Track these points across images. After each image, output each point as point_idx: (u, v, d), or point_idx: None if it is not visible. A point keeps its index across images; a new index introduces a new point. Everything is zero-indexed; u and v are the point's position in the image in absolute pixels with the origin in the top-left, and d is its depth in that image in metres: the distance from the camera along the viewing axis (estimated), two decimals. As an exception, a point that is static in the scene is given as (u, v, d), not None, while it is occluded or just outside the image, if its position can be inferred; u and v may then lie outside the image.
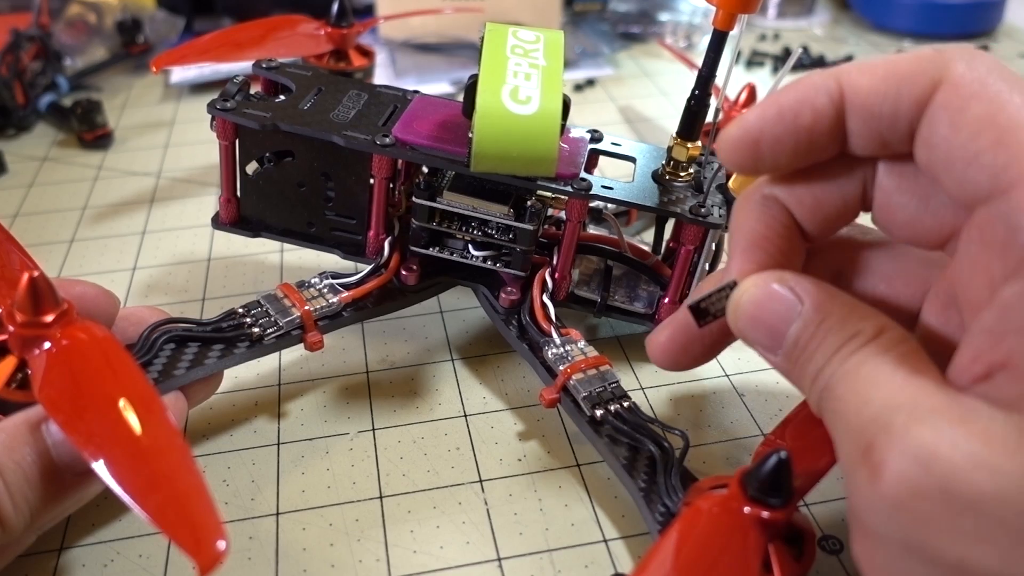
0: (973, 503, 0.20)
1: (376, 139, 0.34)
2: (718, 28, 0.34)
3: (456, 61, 0.71)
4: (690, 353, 0.30)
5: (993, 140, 0.22)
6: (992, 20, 0.78)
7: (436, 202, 0.35)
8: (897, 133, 0.24)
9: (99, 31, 0.69)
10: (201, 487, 0.23)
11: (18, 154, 0.58)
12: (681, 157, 0.37)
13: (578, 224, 0.36)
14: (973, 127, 0.22)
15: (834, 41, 0.78)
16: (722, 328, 0.27)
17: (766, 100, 0.26)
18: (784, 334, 0.25)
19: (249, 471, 0.34)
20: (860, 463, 0.22)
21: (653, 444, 0.31)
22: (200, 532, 0.22)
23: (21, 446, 0.26)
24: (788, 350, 0.25)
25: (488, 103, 0.31)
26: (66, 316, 0.28)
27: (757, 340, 0.26)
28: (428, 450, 0.35)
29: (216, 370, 0.33)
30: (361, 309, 0.37)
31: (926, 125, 0.23)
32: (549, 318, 0.36)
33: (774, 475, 0.26)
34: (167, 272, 0.46)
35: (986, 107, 0.22)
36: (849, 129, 0.24)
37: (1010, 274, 0.21)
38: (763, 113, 0.25)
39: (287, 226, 0.39)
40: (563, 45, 0.34)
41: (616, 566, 0.30)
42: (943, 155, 0.23)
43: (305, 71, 0.39)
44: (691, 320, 0.27)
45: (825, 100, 0.24)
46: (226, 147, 0.37)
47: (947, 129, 0.23)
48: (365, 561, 0.31)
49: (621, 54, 0.74)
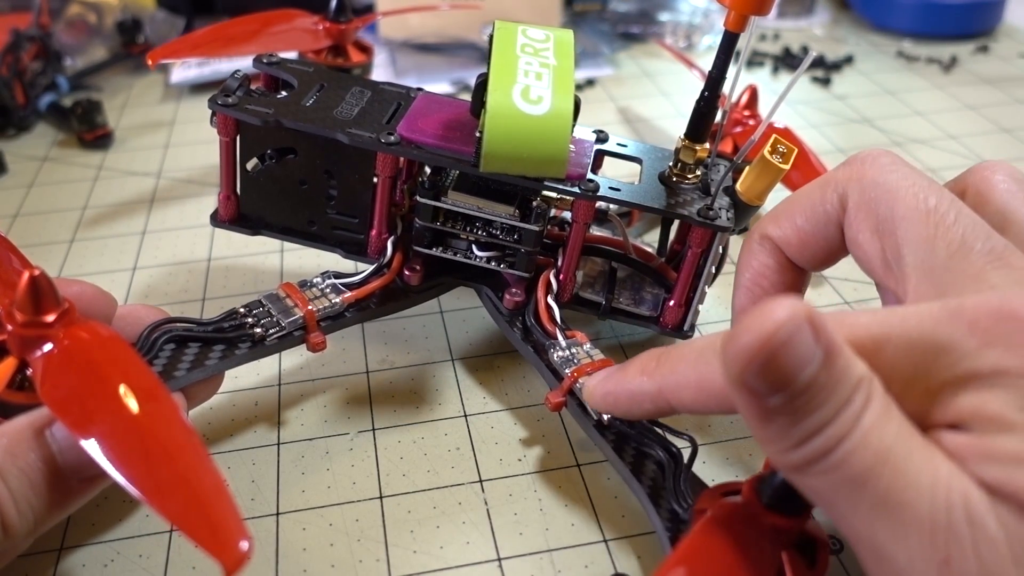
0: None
1: (381, 137, 0.34)
2: (729, 30, 0.33)
3: (456, 61, 0.71)
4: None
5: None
6: (992, 20, 0.78)
7: (440, 202, 0.35)
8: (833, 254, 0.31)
9: (99, 31, 0.69)
10: (221, 487, 0.23)
11: (18, 154, 0.58)
12: (689, 159, 0.36)
13: (584, 226, 0.35)
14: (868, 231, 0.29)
15: (834, 41, 0.78)
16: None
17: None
18: (795, 375, 0.21)
19: (249, 471, 0.34)
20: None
21: (661, 449, 0.31)
22: (223, 533, 0.22)
23: (25, 451, 0.26)
24: (793, 394, 0.21)
25: (499, 102, 0.31)
26: (68, 315, 0.28)
27: (759, 377, 0.21)
28: (428, 450, 0.35)
29: (217, 371, 0.33)
30: (364, 309, 0.36)
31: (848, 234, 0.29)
32: (554, 320, 0.36)
33: (788, 483, 0.25)
34: (167, 272, 0.46)
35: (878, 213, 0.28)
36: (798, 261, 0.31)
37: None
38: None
39: (288, 224, 0.38)
40: (573, 44, 0.34)
41: (616, 566, 0.30)
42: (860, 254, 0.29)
43: (307, 67, 0.39)
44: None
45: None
46: (227, 143, 0.36)
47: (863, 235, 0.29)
48: (365, 561, 0.30)
49: (621, 54, 0.74)
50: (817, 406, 0.21)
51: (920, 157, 0.58)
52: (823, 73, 0.70)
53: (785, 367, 0.21)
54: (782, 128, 0.48)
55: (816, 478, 0.22)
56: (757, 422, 0.22)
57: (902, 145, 0.59)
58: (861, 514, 0.22)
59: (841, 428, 0.21)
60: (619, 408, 0.29)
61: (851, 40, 0.78)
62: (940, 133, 0.61)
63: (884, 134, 0.61)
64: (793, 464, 0.22)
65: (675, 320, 0.37)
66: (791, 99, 0.64)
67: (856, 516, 0.22)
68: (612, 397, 0.29)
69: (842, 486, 0.22)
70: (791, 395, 0.21)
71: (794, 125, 0.54)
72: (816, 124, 0.62)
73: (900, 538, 0.21)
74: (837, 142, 0.60)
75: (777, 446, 0.22)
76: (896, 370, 0.23)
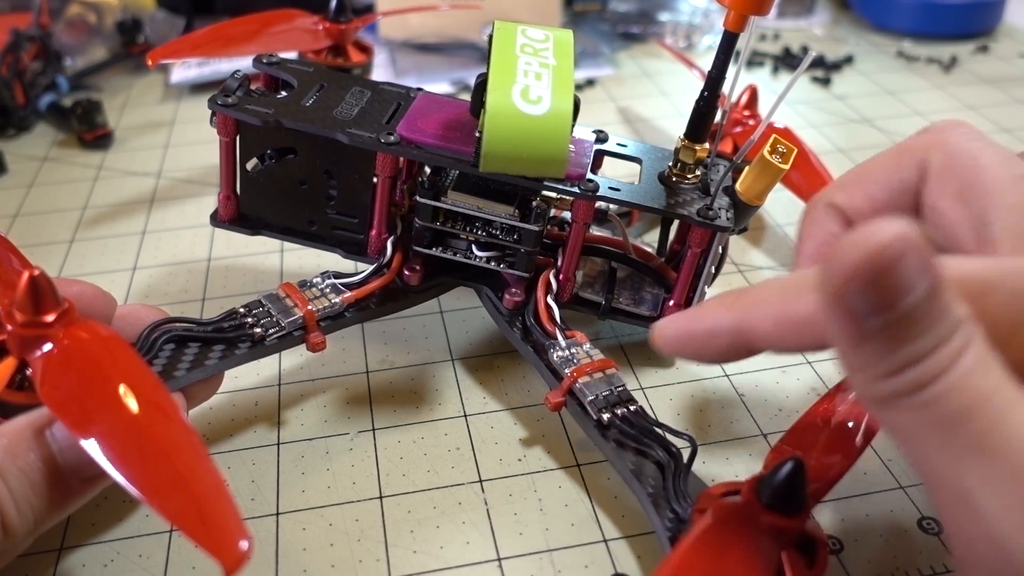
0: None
1: (381, 137, 0.34)
2: (729, 30, 0.34)
3: (456, 61, 0.71)
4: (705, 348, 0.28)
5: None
6: (992, 20, 0.78)
7: (440, 202, 0.35)
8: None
9: (99, 31, 0.69)
10: (221, 486, 0.23)
11: (18, 154, 0.58)
12: (688, 159, 0.36)
13: (584, 226, 0.35)
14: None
15: (834, 41, 0.78)
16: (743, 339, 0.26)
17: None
18: (898, 297, 0.20)
19: (249, 471, 0.34)
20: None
21: (661, 449, 0.31)
22: (223, 533, 0.22)
23: (25, 451, 0.26)
24: (893, 319, 0.21)
25: (499, 102, 0.31)
26: (68, 315, 0.28)
27: (860, 295, 0.20)
28: (428, 450, 0.35)
29: (217, 371, 0.33)
30: (363, 309, 0.36)
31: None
32: (554, 320, 0.36)
33: (788, 483, 0.26)
34: (167, 272, 0.46)
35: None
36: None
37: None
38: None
39: (287, 224, 0.38)
40: (573, 44, 0.34)
41: (616, 566, 0.30)
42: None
43: (307, 67, 0.39)
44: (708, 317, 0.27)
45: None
46: (226, 143, 0.36)
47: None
48: (365, 561, 0.30)
49: (621, 54, 0.74)
50: (916, 335, 0.20)
51: (920, 157, 0.58)
52: (823, 73, 0.70)
53: (890, 286, 0.20)
54: (782, 128, 0.48)
55: (903, 413, 0.21)
56: (849, 346, 0.21)
57: (902, 145, 0.59)
58: (949, 457, 0.21)
59: (939, 363, 0.21)
60: (691, 347, 0.28)
61: (851, 40, 0.78)
62: (940, 133, 0.61)
63: (884, 134, 0.61)
64: (881, 396, 0.22)
65: (675, 320, 0.37)
66: (791, 99, 0.64)
67: (942, 458, 0.21)
68: (686, 334, 0.28)
69: (931, 425, 0.21)
70: (891, 319, 0.20)
71: (794, 125, 0.54)
72: (816, 124, 0.62)
73: (993, 486, 0.21)
74: (837, 142, 0.60)
75: (867, 374, 0.21)
76: (1001, 317, 0.22)
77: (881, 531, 0.32)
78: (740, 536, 0.26)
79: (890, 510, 0.32)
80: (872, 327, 0.21)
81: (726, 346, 0.26)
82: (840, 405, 0.32)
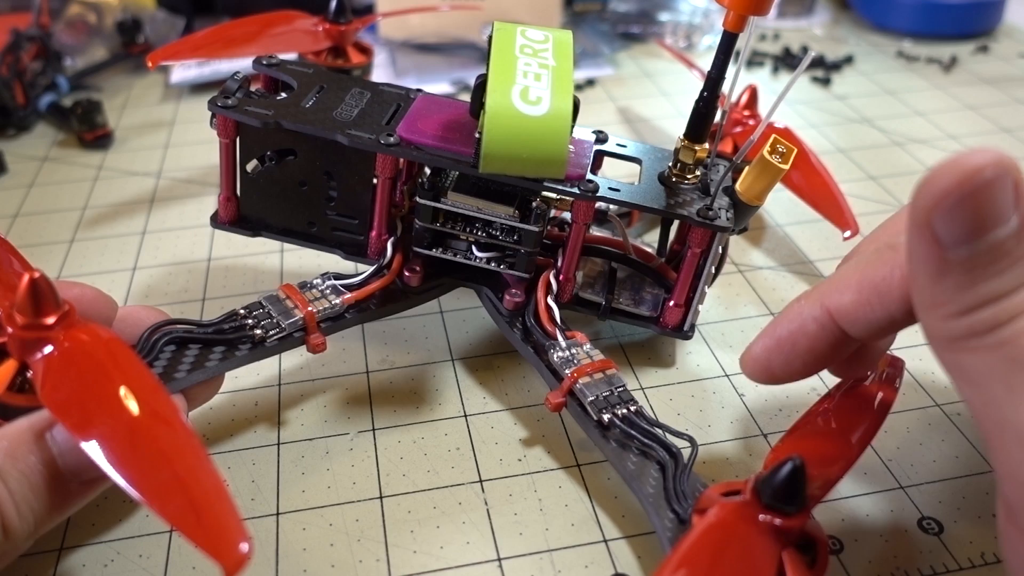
0: None
1: (380, 138, 0.34)
2: (728, 30, 0.34)
3: (456, 61, 0.71)
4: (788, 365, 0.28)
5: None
6: (992, 20, 0.78)
7: (440, 203, 0.35)
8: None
9: (99, 31, 0.69)
10: (221, 489, 0.23)
11: (18, 154, 0.58)
12: (688, 159, 0.36)
13: (584, 226, 0.35)
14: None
15: (834, 41, 0.78)
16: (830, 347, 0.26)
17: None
18: (988, 227, 0.20)
19: (249, 471, 0.34)
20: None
21: (662, 449, 0.31)
22: (223, 535, 0.22)
23: (26, 453, 0.26)
24: (979, 251, 0.20)
25: (498, 103, 0.31)
26: (68, 318, 0.28)
27: (949, 219, 0.20)
28: (428, 450, 0.35)
29: (217, 372, 0.33)
30: (364, 311, 0.36)
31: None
32: (554, 320, 0.36)
33: (789, 482, 0.26)
34: (167, 272, 0.46)
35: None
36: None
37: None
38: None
39: (287, 225, 0.38)
40: (572, 45, 0.34)
41: (616, 566, 0.30)
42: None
43: (306, 68, 0.39)
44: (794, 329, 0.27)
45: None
46: (226, 145, 0.36)
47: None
48: (365, 561, 0.31)
49: (621, 54, 0.74)
50: (998, 272, 0.20)
51: (920, 157, 0.58)
52: (823, 73, 0.70)
53: (981, 212, 0.19)
54: (782, 128, 0.48)
55: (974, 354, 0.21)
56: (929, 277, 0.21)
57: (902, 145, 0.59)
58: (1017, 399, 0.21)
59: (1018, 304, 0.20)
60: (782, 355, 0.27)
61: (851, 40, 0.78)
62: (940, 133, 0.61)
63: (884, 134, 0.61)
64: (955, 333, 0.21)
65: (675, 320, 0.37)
66: (791, 99, 0.64)
67: (1009, 400, 0.21)
68: (774, 343, 0.27)
69: (1004, 366, 0.21)
70: (976, 250, 0.20)
71: (794, 125, 0.54)
72: (816, 124, 0.62)
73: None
74: (837, 142, 0.60)
75: (943, 310, 0.21)
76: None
77: (881, 531, 0.32)
78: (740, 536, 0.26)
79: (890, 510, 0.32)
80: (956, 257, 0.20)
81: (817, 331, 0.26)
82: (840, 405, 0.32)
